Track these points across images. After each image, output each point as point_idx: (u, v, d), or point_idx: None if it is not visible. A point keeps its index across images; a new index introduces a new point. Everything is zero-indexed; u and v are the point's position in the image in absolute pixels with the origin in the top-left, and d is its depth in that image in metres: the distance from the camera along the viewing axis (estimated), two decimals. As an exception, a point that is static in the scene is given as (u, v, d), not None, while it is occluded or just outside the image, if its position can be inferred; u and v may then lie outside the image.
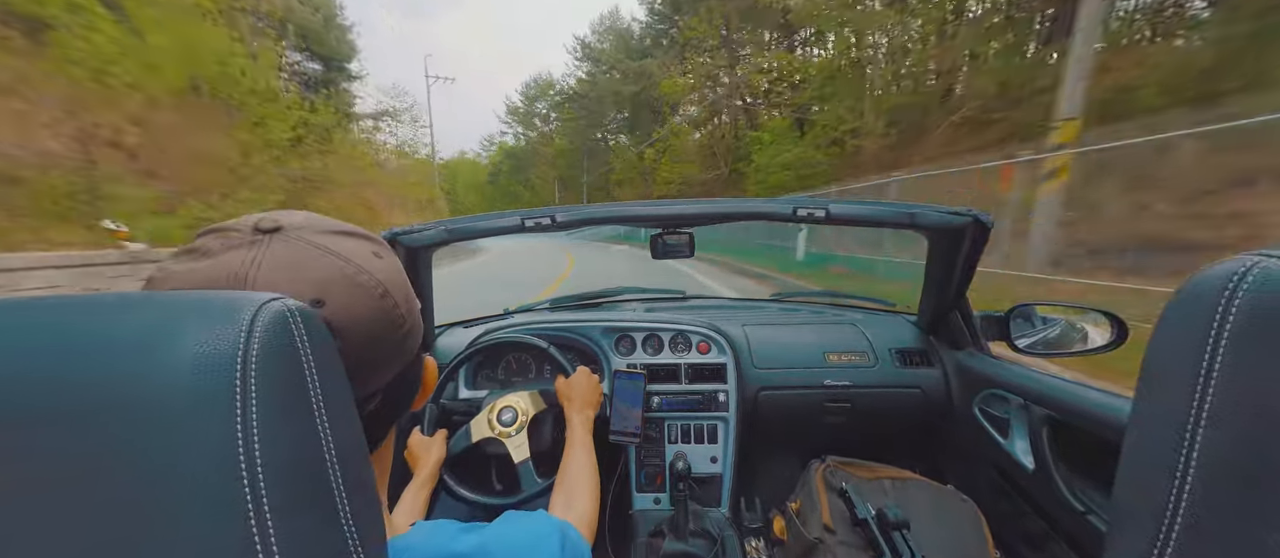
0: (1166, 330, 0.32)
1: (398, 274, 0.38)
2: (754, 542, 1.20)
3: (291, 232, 0.35)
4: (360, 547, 0.27)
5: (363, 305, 0.34)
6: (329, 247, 0.35)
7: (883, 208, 1.06)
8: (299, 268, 0.33)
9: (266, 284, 0.32)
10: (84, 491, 0.21)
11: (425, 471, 0.94)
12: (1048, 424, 0.94)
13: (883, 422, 1.31)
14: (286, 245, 0.34)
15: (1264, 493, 0.25)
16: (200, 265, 0.33)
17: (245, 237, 0.34)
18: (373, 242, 0.39)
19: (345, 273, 0.34)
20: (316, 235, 0.35)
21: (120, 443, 0.21)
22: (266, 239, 0.34)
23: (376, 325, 0.35)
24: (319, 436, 0.25)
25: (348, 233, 0.37)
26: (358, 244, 0.37)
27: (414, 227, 1.07)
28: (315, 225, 0.36)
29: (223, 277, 0.32)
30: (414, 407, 0.47)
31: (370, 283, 0.35)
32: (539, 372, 1.37)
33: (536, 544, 0.46)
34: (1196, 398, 0.29)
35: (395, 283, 0.37)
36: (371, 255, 0.37)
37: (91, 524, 0.21)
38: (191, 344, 0.22)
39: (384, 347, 0.36)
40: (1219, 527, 0.27)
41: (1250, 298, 0.27)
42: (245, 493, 0.21)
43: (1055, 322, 1.13)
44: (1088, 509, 0.83)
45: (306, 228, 0.36)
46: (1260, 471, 0.26)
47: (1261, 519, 0.25)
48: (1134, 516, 0.32)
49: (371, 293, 0.35)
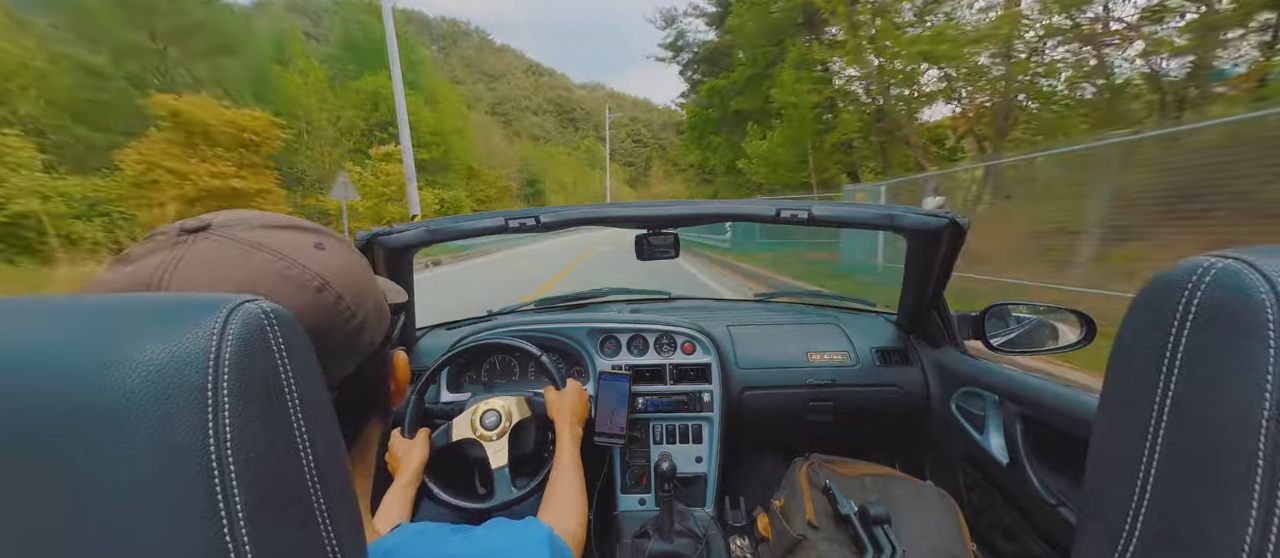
0: (1131, 328, 0.34)
1: (345, 266, 0.37)
2: (739, 541, 1.21)
3: (218, 230, 0.34)
4: (339, 551, 0.26)
5: (295, 301, 0.32)
6: (257, 242, 0.34)
7: (864, 210, 1.08)
8: (219, 268, 0.32)
9: (181, 286, 0.31)
10: (35, 506, 0.20)
11: (407, 472, 0.93)
12: (1021, 420, 0.96)
13: (864, 419, 1.33)
14: (211, 245, 0.33)
15: (1221, 482, 0.27)
16: (121, 271, 0.32)
17: (170, 238, 0.33)
18: (316, 234, 0.37)
19: (274, 268, 0.33)
20: (245, 231, 0.34)
21: (72, 453, 0.20)
22: (190, 239, 0.33)
23: (313, 321, 0.33)
24: (295, 439, 0.25)
25: (284, 226, 0.36)
26: (295, 236, 0.36)
27: (394, 227, 1.05)
28: (247, 221, 0.35)
29: (137, 282, 0.31)
30: (392, 404, 0.46)
31: (304, 276, 0.34)
32: (522, 374, 1.36)
33: (527, 546, 0.46)
34: (1159, 392, 0.30)
35: (339, 276, 0.36)
36: (311, 247, 0.36)
37: (50, 540, 0.20)
38: (155, 348, 0.21)
39: (327, 342, 0.34)
40: (1182, 515, 0.28)
41: (1209, 296, 0.28)
42: (217, 499, 0.21)
43: (1028, 321, 1.17)
44: (1059, 502, 0.85)
45: (236, 224, 0.34)
46: (1217, 461, 0.27)
47: (1219, 508, 0.26)
48: (1102, 506, 0.33)
49: (305, 287, 0.33)
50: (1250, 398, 0.26)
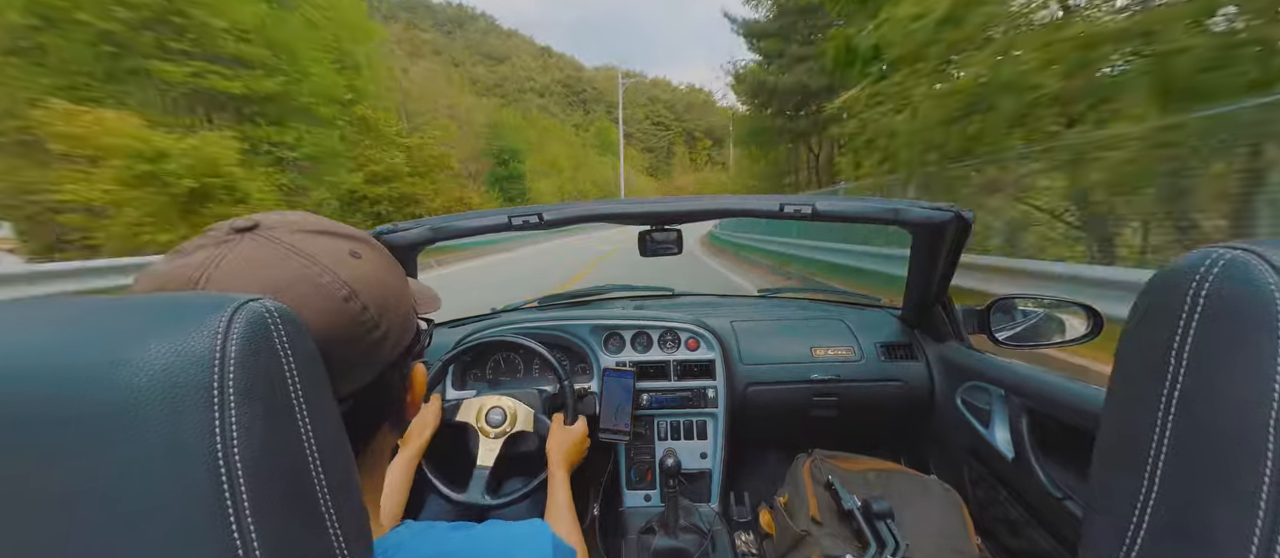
0: (1139, 320, 0.33)
1: (376, 277, 0.37)
2: (744, 536, 1.22)
3: (264, 231, 0.34)
4: (345, 549, 0.26)
5: (320, 308, 0.32)
6: (297, 246, 0.34)
7: (868, 204, 1.08)
8: (254, 268, 0.32)
9: (218, 285, 0.31)
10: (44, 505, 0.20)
11: (415, 443, 0.92)
12: (1027, 414, 0.96)
13: (868, 415, 1.33)
14: (256, 245, 0.33)
15: (1230, 475, 0.26)
16: (170, 264, 0.32)
17: (219, 236, 0.34)
18: (353, 241, 0.38)
19: (306, 274, 0.33)
20: (289, 234, 0.34)
21: (79, 453, 0.20)
22: (238, 238, 0.33)
23: (336, 329, 0.33)
24: (301, 436, 0.25)
25: (325, 232, 0.37)
26: (332, 243, 0.36)
27: (398, 225, 1.06)
28: (293, 224, 0.36)
29: (182, 276, 0.31)
30: (408, 416, 0.46)
31: (333, 284, 0.34)
32: (527, 371, 1.36)
33: (530, 538, 0.47)
34: (1167, 385, 0.29)
35: (369, 286, 0.36)
36: (346, 255, 0.36)
37: (59, 538, 0.20)
38: (161, 347, 0.21)
39: (348, 351, 0.34)
40: (1190, 508, 0.28)
41: (1217, 287, 0.28)
42: (225, 497, 0.21)
43: (1034, 315, 1.16)
44: (1065, 496, 0.85)
45: (282, 226, 0.35)
46: (1226, 453, 0.27)
47: (1228, 500, 0.26)
48: (1109, 499, 0.33)
49: (332, 295, 0.33)
50: (1259, 391, 0.25)
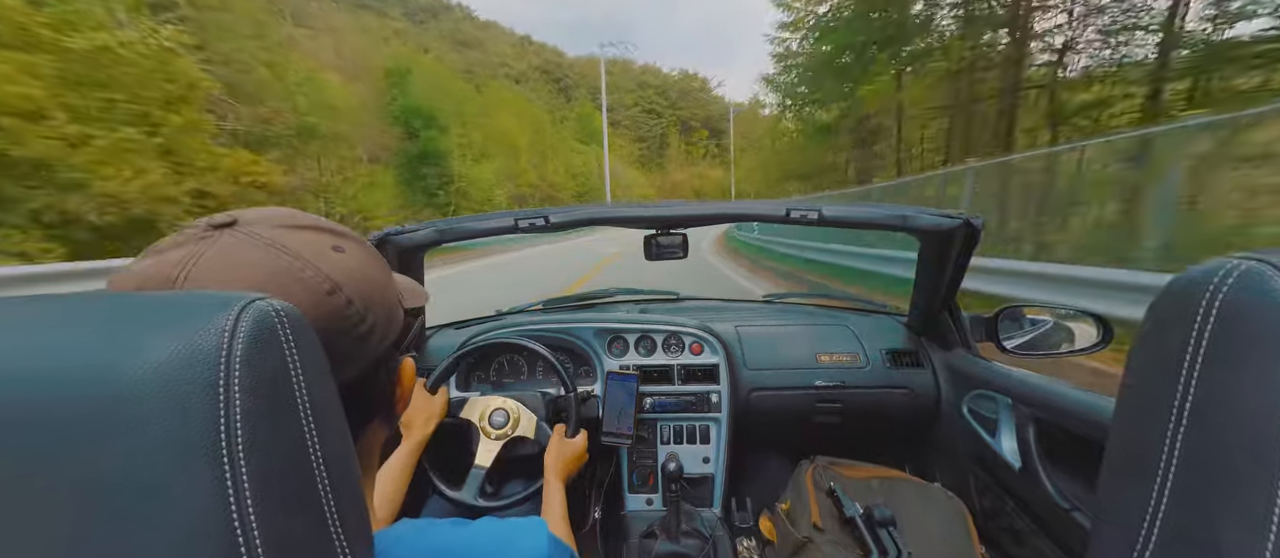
0: (1151, 330, 0.33)
1: (360, 270, 0.37)
2: (745, 542, 1.21)
3: (242, 227, 0.34)
4: (347, 547, 0.27)
5: (303, 302, 0.32)
6: (276, 241, 0.34)
7: (876, 210, 1.07)
8: (234, 266, 0.32)
9: (197, 282, 0.31)
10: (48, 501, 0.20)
11: (418, 435, 0.91)
12: (1034, 424, 0.95)
13: (873, 422, 1.32)
14: (234, 241, 0.33)
15: (1241, 487, 0.26)
16: (146, 263, 0.32)
17: (196, 233, 0.33)
18: (336, 236, 0.37)
19: (288, 269, 0.33)
20: (268, 230, 0.34)
21: (85, 449, 0.20)
22: (216, 235, 0.33)
23: (321, 323, 0.33)
24: (304, 435, 0.25)
25: (305, 226, 0.36)
26: (314, 238, 0.36)
27: (405, 227, 1.07)
28: (272, 219, 0.35)
29: (159, 275, 0.31)
30: (397, 410, 0.46)
31: (315, 278, 0.33)
32: (531, 374, 1.36)
33: (527, 532, 0.47)
34: (1179, 396, 0.29)
35: (352, 280, 0.35)
36: (329, 249, 0.36)
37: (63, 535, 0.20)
38: (167, 344, 0.21)
39: (333, 345, 0.34)
40: (1200, 520, 0.28)
41: (1232, 297, 0.27)
42: (228, 494, 0.21)
43: (1042, 323, 1.15)
44: (1073, 507, 0.84)
45: (261, 222, 0.35)
46: (1237, 465, 0.26)
47: (1238, 513, 0.26)
48: (1118, 510, 0.33)
49: (316, 289, 0.33)
50: (1272, 402, 0.25)
